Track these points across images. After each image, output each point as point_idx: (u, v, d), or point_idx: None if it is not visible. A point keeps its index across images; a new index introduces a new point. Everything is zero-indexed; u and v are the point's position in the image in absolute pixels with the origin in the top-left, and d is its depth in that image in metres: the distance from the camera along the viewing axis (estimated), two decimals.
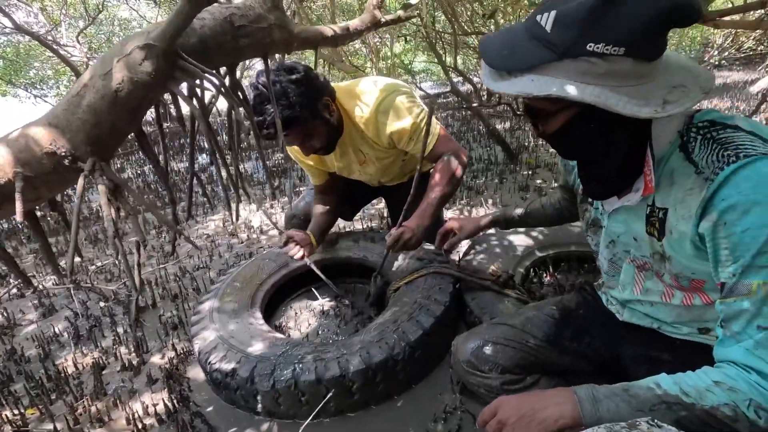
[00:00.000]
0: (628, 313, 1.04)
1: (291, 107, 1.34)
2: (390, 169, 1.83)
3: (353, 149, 1.66)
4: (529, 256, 1.89)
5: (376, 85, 1.52)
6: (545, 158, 3.81)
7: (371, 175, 1.81)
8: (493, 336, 1.18)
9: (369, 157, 1.68)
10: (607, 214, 0.94)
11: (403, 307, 1.43)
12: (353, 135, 1.60)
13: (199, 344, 1.39)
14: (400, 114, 1.49)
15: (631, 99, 0.67)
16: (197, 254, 2.45)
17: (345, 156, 1.70)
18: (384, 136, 1.54)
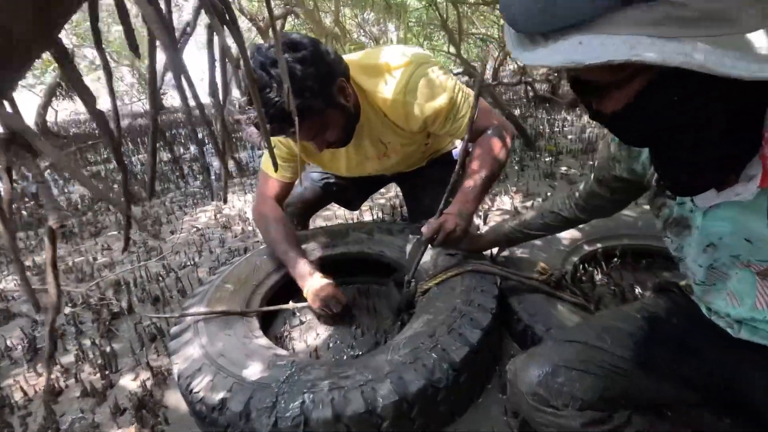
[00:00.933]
0: (748, 332, 0.76)
1: (299, 95, 1.04)
2: (413, 157, 1.54)
3: (371, 140, 1.35)
4: (577, 250, 1.59)
5: (398, 56, 1.22)
6: (565, 144, 3.51)
7: (388, 168, 1.52)
8: (566, 358, 0.89)
9: (392, 146, 1.38)
10: (701, 211, 0.71)
11: (438, 316, 1.13)
12: (373, 121, 1.29)
13: (180, 365, 1.08)
14: (434, 90, 1.21)
15: (744, 54, 0.42)
16: (184, 250, 2.14)
17: (359, 150, 1.39)
18: (415, 120, 1.24)
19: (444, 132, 1.32)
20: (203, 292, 1.37)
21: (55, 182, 3.94)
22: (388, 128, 1.29)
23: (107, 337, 1.47)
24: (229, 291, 1.37)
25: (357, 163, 1.43)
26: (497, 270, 1.30)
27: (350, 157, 1.40)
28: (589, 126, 4.26)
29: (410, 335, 1.08)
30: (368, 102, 1.25)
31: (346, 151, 1.38)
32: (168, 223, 2.58)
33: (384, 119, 1.27)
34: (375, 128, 1.31)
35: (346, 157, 1.41)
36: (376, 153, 1.39)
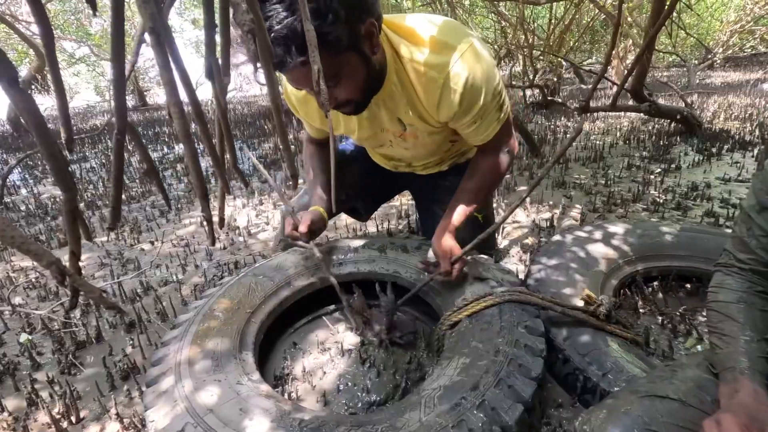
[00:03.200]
0: None
1: (319, 16, 0.77)
2: (435, 153, 1.35)
3: (389, 115, 1.13)
4: (616, 272, 1.41)
5: (442, 26, 1.00)
6: (571, 152, 3.37)
7: (408, 150, 1.29)
8: (658, 419, 0.71)
9: (412, 130, 1.16)
10: None
11: (478, 360, 0.93)
12: (397, 96, 1.07)
13: (156, 423, 0.86)
14: (480, 83, 1.00)
15: None
16: (166, 263, 1.90)
17: (374, 121, 1.17)
18: (447, 110, 1.04)
19: (466, 132, 1.13)
20: (187, 322, 1.14)
21: (24, 182, 3.63)
22: (413, 108, 1.08)
23: (69, 373, 1.23)
24: (219, 320, 1.15)
25: (371, 135, 1.23)
26: (538, 300, 1.10)
27: (363, 125, 1.18)
28: (592, 133, 4.14)
29: (446, 385, 0.88)
30: (397, 70, 1.03)
31: (358, 120, 1.17)
32: (148, 231, 2.33)
33: (411, 96, 1.05)
34: (397, 103, 1.09)
35: (359, 128, 1.19)
36: (392, 131, 1.18)
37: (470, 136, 1.14)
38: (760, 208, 0.77)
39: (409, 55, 0.99)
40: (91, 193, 3.11)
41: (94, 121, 7.94)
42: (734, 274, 0.83)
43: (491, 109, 1.05)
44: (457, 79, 0.97)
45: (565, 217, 2.10)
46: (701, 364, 0.81)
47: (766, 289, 0.80)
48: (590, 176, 2.76)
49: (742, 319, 0.77)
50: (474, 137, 1.14)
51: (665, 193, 2.32)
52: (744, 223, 0.81)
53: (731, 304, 0.80)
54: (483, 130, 1.10)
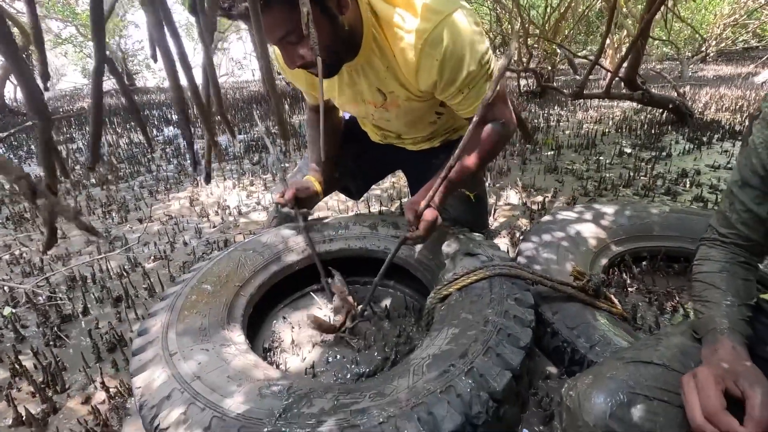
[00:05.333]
0: None
1: None
2: (418, 123, 1.31)
3: (368, 84, 1.11)
4: (605, 251, 1.42)
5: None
6: (564, 139, 3.38)
7: (389, 121, 1.27)
8: (643, 384, 0.72)
9: (393, 98, 1.14)
10: None
11: (467, 329, 0.93)
12: (376, 65, 1.05)
13: (143, 390, 0.85)
14: (462, 50, 0.97)
15: None
16: (154, 241, 1.87)
17: (354, 89, 1.15)
18: (426, 78, 1.02)
19: (452, 104, 1.11)
20: (175, 294, 1.13)
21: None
22: (393, 76, 1.06)
23: (55, 345, 1.21)
24: (207, 292, 1.13)
25: (351, 102, 1.21)
26: (528, 274, 1.11)
27: (344, 93, 1.17)
28: (585, 122, 4.15)
29: (435, 354, 0.88)
30: (376, 36, 1.00)
31: (339, 86, 1.14)
32: (136, 209, 2.29)
33: (391, 62, 1.03)
34: (376, 72, 1.07)
35: (339, 93, 1.18)
36: (374, 101, 1.16)
37: (460, 107, 1.10)
38: (743, 183, 0.78)
39: (389, 16, 0.97)
40: (79, 173, 3.05)
41: (81, 103, 7.77)
42: (717, 247, 0.84)
43: (479, 79, 1.02)
44: (435, 45, 0.95)
45: (557, 200, 2.11)
46: (685, 332, 0.81)
47: (747, 260, 0.81)
48: (582, 162, 2.77)
49: (724, 287, 0.78)
50: (464, 108, 1.10)
51: (655, 179, 2.33)
52: (727, 198, 0.81)
53: (714, 273, 0.81)
54: (472, 101, 1.07)
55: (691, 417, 0.63)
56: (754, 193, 0.77)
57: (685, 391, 0.66)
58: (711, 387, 0.63)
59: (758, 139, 0.75)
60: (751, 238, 0.80)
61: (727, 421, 0.59)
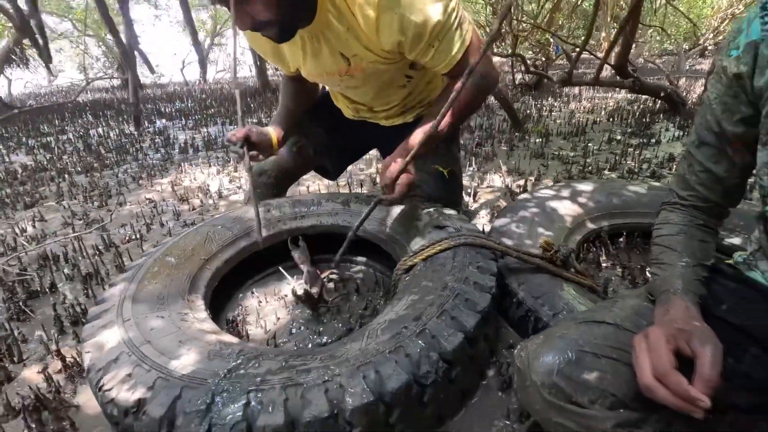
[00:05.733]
0: None
1: None
2: (387, 88, 1.27)
3: (330, 50, 1.08)
4: (580, 228, 1.41)
5: None
6: (554, 127, 3.35)
7: (358, 88, 1.24)
8: (592, 342, 0.71)
9: (357, 62, 1.10)
10: None
11: (426, 295, 0.91)
12: (334, 25, 1.02)
13: (92, 354, 0.84)
14: (423, 1, 0.94)
15: None
16: (131, 222, 1.86)
17: (317, 59, 1.12)
18: (389, 34, 0.98)
19: (425, 62, 1.06)
20: (137, 267, 1.12)
21: None
22: (355, 37, 1.03)
23: (18, 319, 1.20)
24: (170, 265, 1.12)
25: (317, 73, 1.19)
26: (494, 244, 1.09)
27: (308, 65, 1.15)
28: (577, 111, 4.12)
29: (391, 319, 0.87)
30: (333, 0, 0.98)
31: (303, 55, 1.13)
32: (118, 194, 2.28)
33: (351, 23, 1.00)
34: (337, 35, 1.04)
35: (303, 62, 1.16)
36: (337, 68, 1.13)
37: (434, 63, 1.06)
38: (699, 143, 0.76)
39: None
40: (65, 161, 3.03)
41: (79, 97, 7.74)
42: (677, 211, 0.82)
43: (448, 30, 0.99)
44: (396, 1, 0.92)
45: (540, 183, 2.09)
46: (641, 295, 0.80)
47: (706, 222, 0.79)
48: (570, 149, 2.75)
49: (680, 248, 0.77)
50: (437, 63, 1.06)
51: (641, 163, 2.31)
52: (685, 159, 0.80)
53: (672, 236, 0.79)
54: (445, 54, 1.03)
55: (641, 376, 0.61)
56: (710, 152, 0.76)
57: (636, 351, 0.64)
58: (662, 346, 0.61)
59: (712, 95, 0.73)
60: (710, 198, 0.78)
61: (677, 380, 0.57)
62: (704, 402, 0.55)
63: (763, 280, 0.72)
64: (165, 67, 15.40)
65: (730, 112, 0.71)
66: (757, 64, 0.65)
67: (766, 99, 0.65)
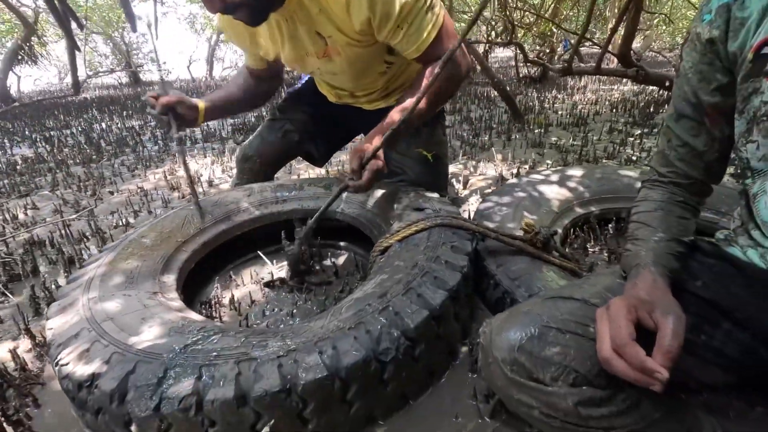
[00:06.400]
0: None
1: None
2: (367, 74, 1.25)
3: (306, 30, 1.07)
4: (568, 212, 1.37)
5: None
6: (555, 118, 3.29)
7: (337, 75, 1.22)
8: (557, 318, 0.68)
9: (333, 43, 1.08)
10: None
11: (395, 274, 0.89)
12: (307, 6, 1.00)
13: (54, 331, 0.83)
14: None
15: None
16: (121, 210, 1.86)
17: (295, 40, 1.10)
18: (358, 12, 0.97)
19: (395, 44, 1.05)
20: (111, 248, 1.11)
21: (1, 146, 3.58)
22: (327, 19, 1.01)
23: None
24: (145, 246, 1.11)
25: (296, 57, 1.17)
26: (472, 225, 1.06)
27: (287, 49, 1.14)
28: (581, 103, 4.05)
29: (358, 297, 0.85)
30: None
31: (281, 41, 1.11)
32: (112, 184, 2.28)
33: (322, 5, 0.99)
34: (310, 16, 1.02)
35: (282, 48, 1.15)
36: (315, 50, 1.11)
37: (403, 46, 1.04)
38: (678, 116, 0.73)
39: None
40: (65, 153, 3.06)
41: (84, 94, 7.84)
42: (656, 188, 0.79)
43: (417, 12, 0.97)
44: None
45: (534, 171, 2.05)
46: (615, 272, 0.77)
47: (686, 200, 0.76)
48: (569, 139, 2.69)
49: (655, 224, 0.73)
50: (407, 47, 1.04)
51: (641, 152, 2.26)
52: (664, 135, 0.77)
53: (649, 212, 0.76)
54: (415, 37, 1.01)
55: (599, 349, 0.59)
56: (688, 124, 0.72)
57: (597, 324, 0.62)
58: (621, 317, 0.58)
59: (687, 64, 0.70)
60: (690, 175, 0.75)
61: (634, 352, 0.54)
62: (661, 374, 0.52)
63: (741, 254, 0.69)
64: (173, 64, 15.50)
65: (706, 81, 0.67)
66: (729, 27, 0.61)
67: (740, 64, 0.62)
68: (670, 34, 8.75)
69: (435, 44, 1.03)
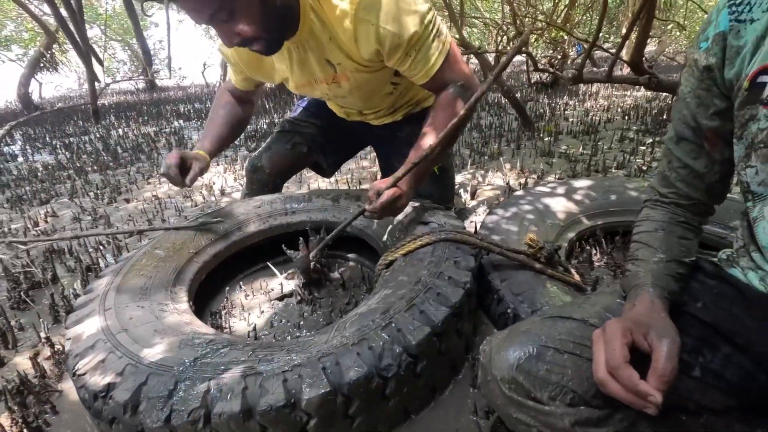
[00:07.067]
0: None
1: None
2: (374, 96, 1.28)
3: (317, 59, 1.10)
4: (574, 225, 1.37)
5: None
6: (566, 126, 3.28)
7: (345, 98, 1.25)
8: (556, 338, 0.69)
9: (342, 70, 1.12)
10: None
11: (398, 289, 0.91)
12: (318, 35, 1.04)
13: (72, 341, 0.87)
14: (400, 12, 0.95)
15: None
16: (136, 218, 1.91)
17: (304, 68, 1.14)
18: (366, 45, 1.00)
19: (403, 70, 1.07)
20: (127, 258, 1.15)
21: (23, 152, 3.70)
22: (338, 47, 1.04)
23: (19, 308, 1.25)
24: (158, 257, 1.15)
25: (305, 83, 1.19)
26: (476, 240, 1.08)
27: (296, 74, 1.16)
28: (592, 110, 4.02)
29: (362, 312, 0.87)
30: (314, 7, 0.99)
31: (290, 67, 1.14)
32: (127, 191, 2.35)
33: (332, 34, 1.02)
34: (321, 44, 1.05)
35: (291, 73, 1.17)
36: (324, 76, 1.14)
37: (412, 73, 1.08)
38: (678, 139, 0.74)
39: None
40: (84, 160, 3.15)
41: (102, 100, 8.05)
42: (658, 208, 0.79)
43: (425, 39, 1.00)
44: (370, 9, 0.93)
45: (542, 181, 2.05)
46: (615, 292, 0.77)
47: (688, 220, 0.76)
48: (579, 147, 2.68)
49: (656, 245, 0.74)
50: (415, 73, 1.07)
51: (652, 161, 2.24)
52: (665, 156, 0.77)
53: (650, 233, 0.77)
54: (423, 64, 1.04)
55: (595, 371, 0.60)
56: (689, 147, 0.73)
57: (594, 345, 0.63)
58: (616, 339, 0.59)
59: (686, 88, 0.71)
60: (692, 196, 0.75)
61: (628, 374, 0.55)
62: (654, 397, 0.52)
63: (742, 276, 0.69)
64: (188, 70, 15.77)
65: (705, 106, 0.68)
66: (726, 55, 0.62)
67: (736, 91, 0.62)
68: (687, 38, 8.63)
69: (442, 70, 1.06)
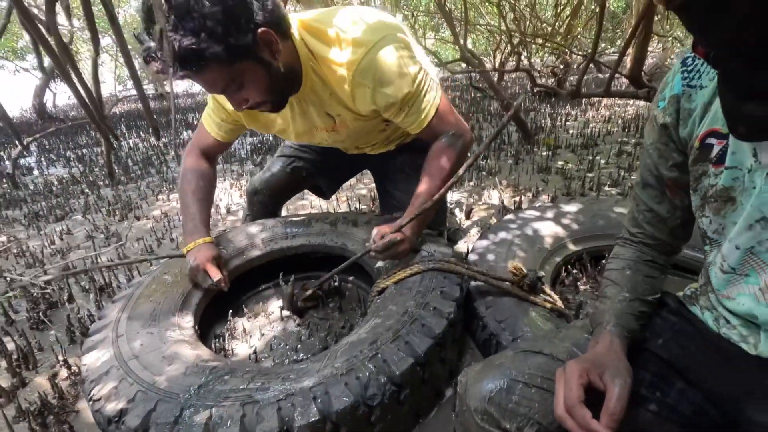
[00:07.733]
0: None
1: (194, 34, 0.85)
2: (368, 137, 1.37)
3: (317, 111, 1.19)
4: (561, 250, 1.43)
5: (360, 23, 1.04)
6: (566, 138, 3.33)
7: (343, 141, 1.35)
8: (525, 372, 0.75)
9: (341, 120, 1.21)
10: (765, 171, 0.55)
11: (387, 320, 0.98)
12: (319, 92, 1.13)
13: (88, 367, 0.95)
14: (392, 77, 1.04)
15: None
16: (146, 237, 2.01)
17: (305, 118, 1.22)
18: (364, 105, 1.09)
19: (397, 121, 1.16)
20: (138, 284, 1.24)
21: (38, 164, 3.84)
22: (337, 102, 1.13)
23: (38, 329, 1.34)
24: (166, 282, 1.23)
25: (305, 131, 1.27)
26: (463, 269, 1.14)
27: (297, 124, 1.24)
28: (593, 121, 4.07)
29: (352, 341, 0.94)
30: (315, 68, 1.08)
31: (291, 117, 1.22)
32: (138, 208, 2.45)
33: (333, 91, 1.11)
34: (322, 99, 1.14)
35: (292, 123, 1.25)
36: (324, 125, 1.23)
37: (404, 123, 1.15)
38: (643, 184, 0.80)
39: (324, 53, 1.04)
40: (96, 173, 3.27)
41: (114, 109, 8.23)
42: (627, 246, 0.85)
43: (417, 96, 1.08)
44: (365, 75, 1.02)
45: (537, 200, 2.11)
46: (585, 326, 0.84)
47: (654, 258, 0.82)
48: (577, 162, 2.73)
49: (623, 283, 0.80)
50: (409, 125, 1.15)
51: None
52: (634, 199, 0.84)
53: (618, 270, 0.83)
54: (415, 117, 1.12)
55: (554, 408, 0.66)
56: (653, 193, 0.79)
57: (556, 383, 0.69)
58: (573, 381, 0.66)
59: (648, 140, 0.77)
60: (657, 236, 0.81)
61: (581, 414, 0.62)
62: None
63: (700, 314, 0.75)
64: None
65: (664, 158, 0.75)
66: (680, 116, 0.69)
67: (690, 148, 0.69)
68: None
69: (434, 121, 1.13)
